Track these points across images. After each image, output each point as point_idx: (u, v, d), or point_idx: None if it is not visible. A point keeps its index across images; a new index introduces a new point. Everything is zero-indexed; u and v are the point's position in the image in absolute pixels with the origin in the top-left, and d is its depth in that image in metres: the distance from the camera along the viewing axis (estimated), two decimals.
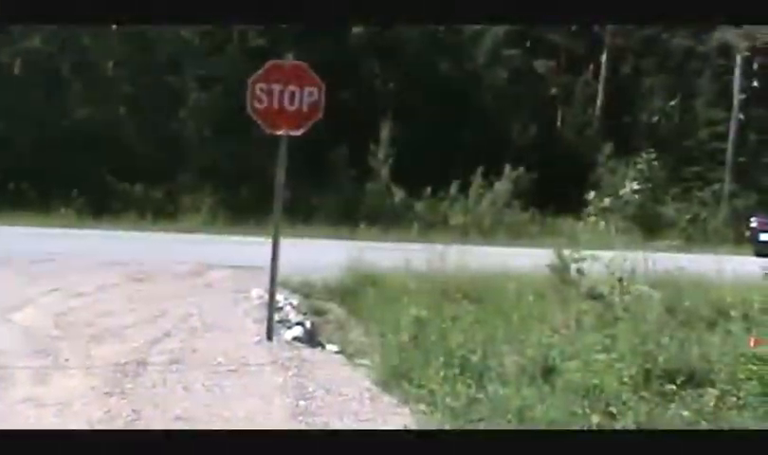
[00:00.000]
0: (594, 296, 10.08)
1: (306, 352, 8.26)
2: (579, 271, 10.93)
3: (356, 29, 32.46)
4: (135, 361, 7.31)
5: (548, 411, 6.09)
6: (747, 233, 26.14)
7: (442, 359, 7.17)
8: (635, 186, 9.91)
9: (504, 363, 7.39)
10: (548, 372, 7.14)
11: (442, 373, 6.92)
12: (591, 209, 9.31)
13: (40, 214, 22.92)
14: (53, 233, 18.83)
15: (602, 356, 7.26)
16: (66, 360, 7.34)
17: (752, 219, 26.29)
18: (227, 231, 22.25)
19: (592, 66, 39.63)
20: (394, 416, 6.36)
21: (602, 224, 10.10)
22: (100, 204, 24.53)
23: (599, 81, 38.70)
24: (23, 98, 28.06)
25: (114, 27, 27.69)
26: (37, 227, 20.15)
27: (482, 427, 5.98)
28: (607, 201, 9.34)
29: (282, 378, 7.16)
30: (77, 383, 6.70)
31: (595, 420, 6.02)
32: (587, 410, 6.20)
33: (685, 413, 6.50)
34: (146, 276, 11.64)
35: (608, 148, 33.16)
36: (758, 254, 23.53)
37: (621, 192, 10.17)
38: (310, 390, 6.87)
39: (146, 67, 30.63)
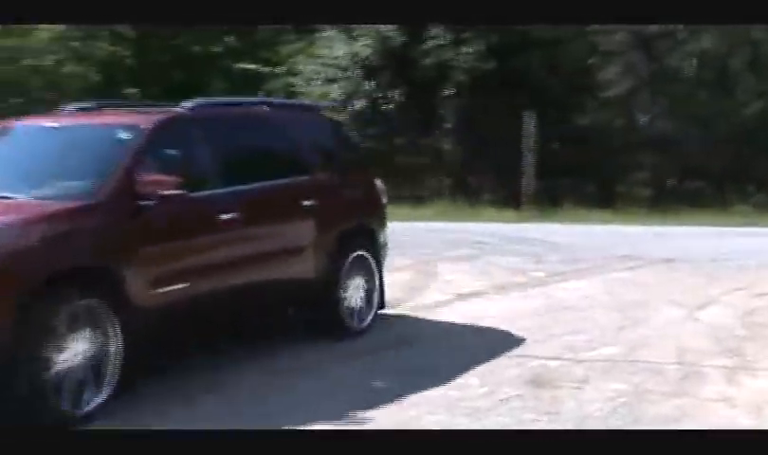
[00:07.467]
0: None
1: None
2: None
3: None
4: None
5: None
6: None
7: None
8: None
9: None
10: None
11: None
12: None
13: (718, 212, 23.10)
14: (731, 232, 18.79)
15: None
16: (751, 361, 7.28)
17: None
18: None
19: None
20: None
21: None
22: None
23: None
24: (695, 97, 28.71)
25: None
26: (715, 227, 20.34)
27: None
28: None
29: None
30: (766, 385, 6.60)
31: None
32: None
33: None
34: None
35: None
36: None
37: None
38: None
39: None
